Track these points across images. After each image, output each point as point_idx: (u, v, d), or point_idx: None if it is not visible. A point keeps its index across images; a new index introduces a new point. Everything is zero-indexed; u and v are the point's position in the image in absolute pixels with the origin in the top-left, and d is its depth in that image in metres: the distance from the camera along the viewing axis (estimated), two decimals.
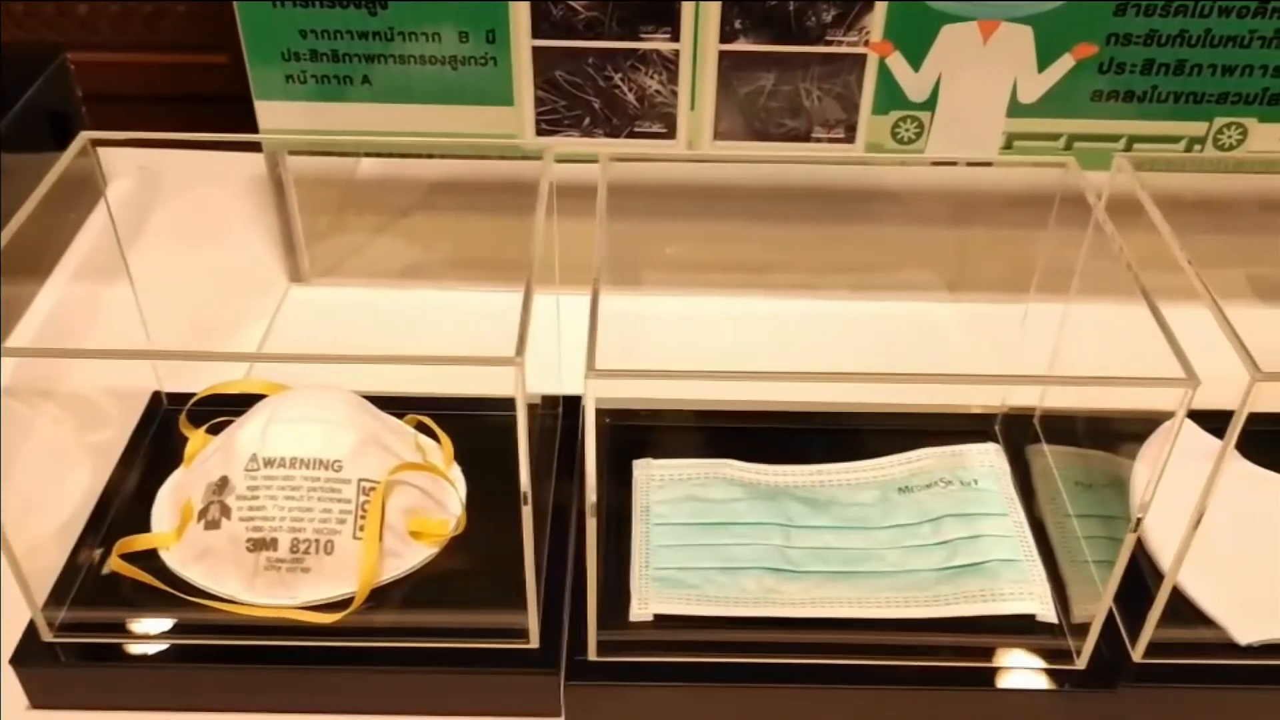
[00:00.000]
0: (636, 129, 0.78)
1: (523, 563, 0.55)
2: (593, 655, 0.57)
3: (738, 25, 0.73)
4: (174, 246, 0.88)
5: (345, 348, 0.85)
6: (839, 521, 0.64)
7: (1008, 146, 0.78)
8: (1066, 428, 0.69)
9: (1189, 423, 0.69)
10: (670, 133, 0.78)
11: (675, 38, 0.74)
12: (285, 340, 0.80)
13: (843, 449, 0.69)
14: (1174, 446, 0.49)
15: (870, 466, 0.67)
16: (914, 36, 0.74)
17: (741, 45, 0.74)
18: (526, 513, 0.51)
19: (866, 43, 0.74)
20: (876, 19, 0.73)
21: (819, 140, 0.78)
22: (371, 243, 0.89)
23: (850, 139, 0.78)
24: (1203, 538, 0.62)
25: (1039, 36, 0.73)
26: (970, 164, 0.77)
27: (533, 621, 0.56)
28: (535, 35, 0.74)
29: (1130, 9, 0.72)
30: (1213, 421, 0.71)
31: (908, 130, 0.77)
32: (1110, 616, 0.59)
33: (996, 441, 0.69)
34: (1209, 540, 0.62)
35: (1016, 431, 0.70)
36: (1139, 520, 0.51)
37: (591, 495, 0.50)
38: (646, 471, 0.67)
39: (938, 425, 0.70)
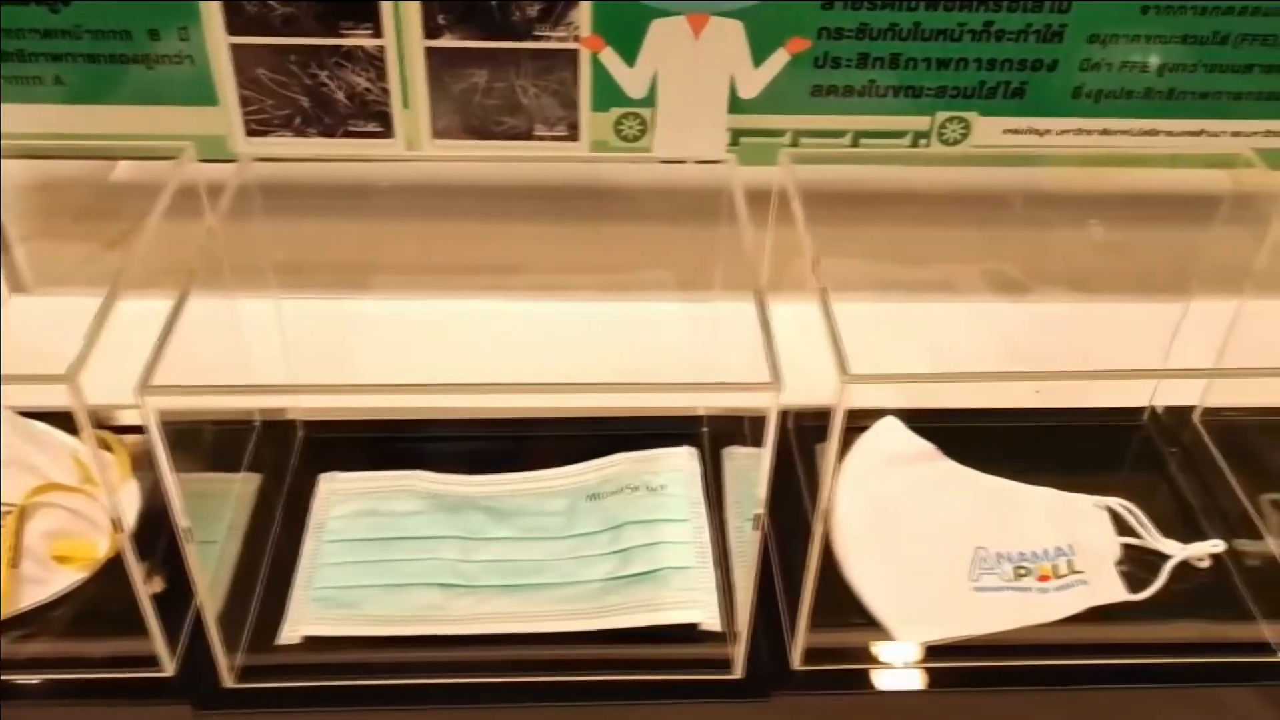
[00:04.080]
0: (351, 128, 0.75)
1: (177, 587, 0.52)
2: (229, 682, 0.54)
3: (441, 20, 0.71)
4: None
5: (55, 359, 0.82)
6: (521, 532, 0.62)
7: (734, 143, 0.77)
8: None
9: (898, 424, 0.70)
10: (387, 131, 0.76)
11: (378, 33, 0.72)
12: None
13: (549, 456, 0.67)
14: (838, 444, 0.47)
15: (565, 474, 0.65)
16: (624, 31, 0.72)
17: (448, 41, 0.72)
18: (122, 539, 0.48)
19: (576, 38, 0.72)
20: (583, 14, 0.71)
21: (541, 138, 0.76)
22: (107, 250, 0.86)
23: (574, 137, 0.76)
24: (884, 537, 0.62)
25: (750, 31, 0.72)
26: (635, 162, 0.76)
27: (160, 648, 0.53)
28: (231, 32, 0.71)
29: (838, 2, 0.71)
30: (928, 420, 0.71)
31: (631, 128, 0.76)
32: (778, 623, 0.57)
33: (699, 444, 0.67)
34: (890, 540, 0.62)
35: (727, 433, 0.69)
36: (758, 516, 0.49)
37: (184, 520, 0.48)
38: (330, 485, 0.64)
39: (645, 429, 0.68)
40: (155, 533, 0.57)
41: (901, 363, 0.74)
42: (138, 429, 0.67)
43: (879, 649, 0.56)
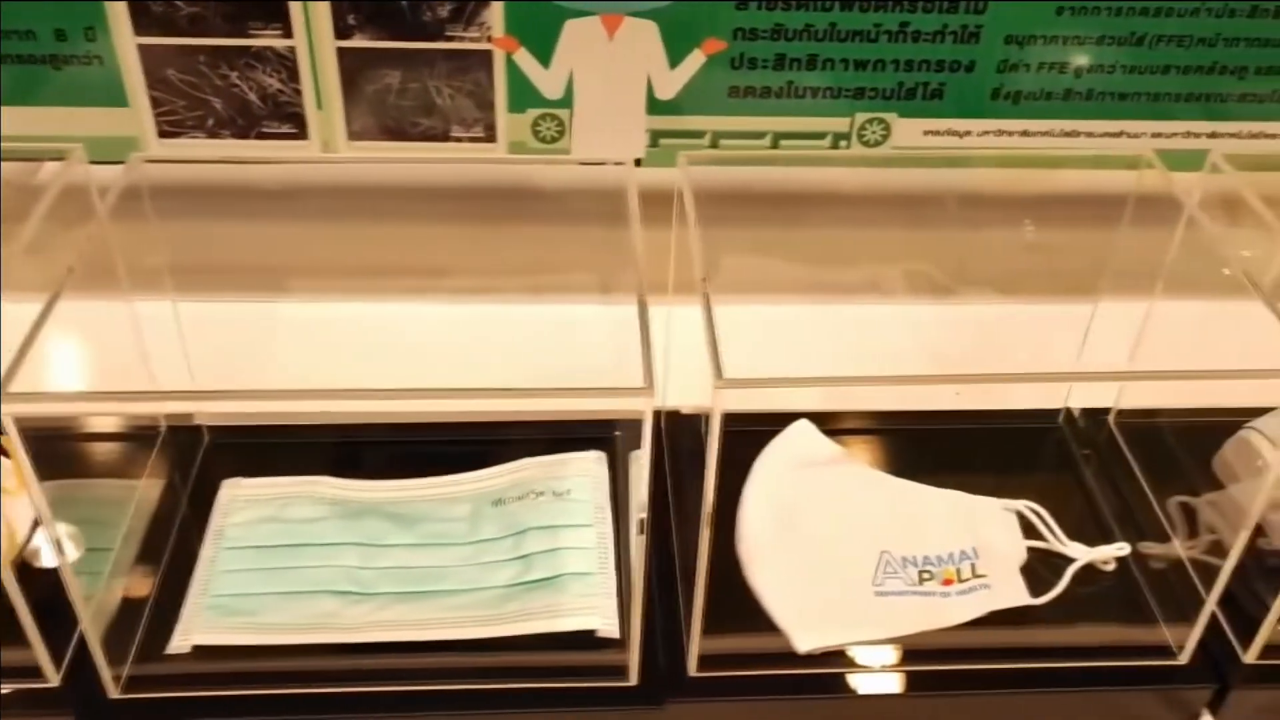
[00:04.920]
0: (265, 129, 0.74)
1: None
2: (114, 693, 0.53)
3: (352, 20, 0.70)
4: None
5: None
6: (423, 538, 0.61)
7: (654, 144, 0.76)
8: (689, 429, 0.67)
9: (810, 427, 0.69)
10: (302, 132, 0.75)
11: (288, 34, 0.71)
12: None
13: (459, 460, 0.67)
14: (717, 449, 0.47)
15: (470, 479, 0.65)
16: (538, 32, 0.71)
17: (359, 41, 0.71)
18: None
19: (489, 39, 0.71)
20: (496, 14, 0.70)
21: (459, 140, 0.75)
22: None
23: (491, 138, 0.76)
24: (789, 542, 0.61)
25: (665, 32, 0.71)
26: (535, 164, 0.75)
27: (43, 659, 0.52)
28: (139, 33, 0.70)
29: (752, 3, 0.71)
30: (848, 423, 0.71)
31: (549, 129, 0.75)
32: (677, 629, 0.57)
33: (612, 448, 0.67)
34: (794, 544, 0.61)
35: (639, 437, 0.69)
36: (642, 521, 0.48)
37: (52, 530, 0.47)
38: (232, 492, 0.63)
39: (559, 433, 0.68)
40: None
41: (817, 364, 0.74)
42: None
43: (777, 655, 0.56)
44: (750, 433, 0.68)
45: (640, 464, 0.46)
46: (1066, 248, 0.76)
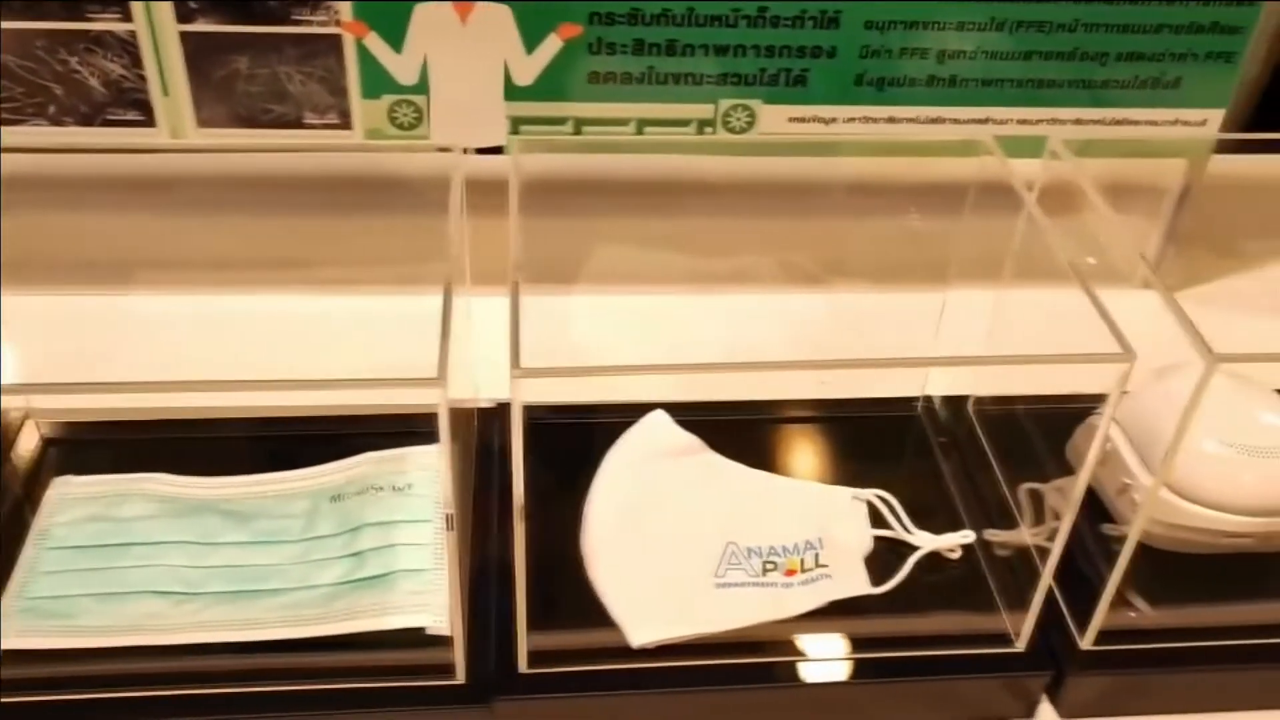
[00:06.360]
0: (110, 117, 0.72)
1: None
2: None
3: (194, 5, 0.68)
4: None
5: None
6: (257, 536, 0.59)
7: (515, 131, 0.75)
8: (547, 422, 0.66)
9: (665, 418, 0.68)
10: (150, 120, 0.73)
11: (128, 18, 0.69)
12: None
13: (305, 455, 0.65)
14: (521, 439, 0.45)
15: (310, 475, 0.63)
16: (388, 16, 0.69)
17: (201, 26, 0.69)
18: None
19: (338, 23, 0.70)
20: None
21: (312, 126, 0.73)
22: None
23: (346, 124, 0.74)
24: (632, 534, 0.60)
25: (520, 16, 0.70)
26: (364, 150, 0.74)
27: None
28: None
29: None
30: (709, 413, 0.70)
31: (405, 115, 0.73)
32: (508, 626, 0.56)
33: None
34: (637, 537, 0.60)
35: (486, 429, 0.67)
36: (450, 517, 0.47)
37: None
38: (61, 490, 0.61)
39: (412, 426, 0.66)
40: None
41: (678, 353, 0.73)
42: None
43: (611, 650, 0.55)
44: (617, 424, 0.68)
45: (440, 456, 0.45)
46: (925, 235, 0.76)
